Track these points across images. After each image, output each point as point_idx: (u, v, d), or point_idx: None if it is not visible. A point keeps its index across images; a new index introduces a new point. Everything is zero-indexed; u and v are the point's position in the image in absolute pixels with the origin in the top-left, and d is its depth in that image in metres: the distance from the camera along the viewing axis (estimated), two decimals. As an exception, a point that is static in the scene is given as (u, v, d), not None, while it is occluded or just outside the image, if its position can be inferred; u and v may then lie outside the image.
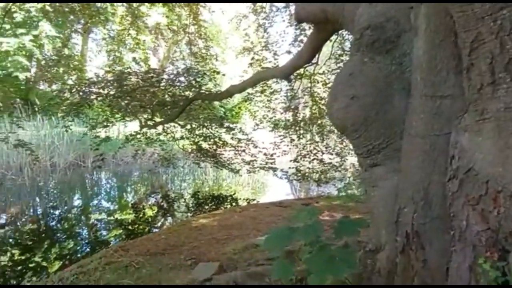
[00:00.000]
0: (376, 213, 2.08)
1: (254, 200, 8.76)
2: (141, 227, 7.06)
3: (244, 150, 7.36)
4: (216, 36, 13.33)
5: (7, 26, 10.48)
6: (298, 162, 7.17)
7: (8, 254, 5.63)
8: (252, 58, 6.98)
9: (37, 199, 9.82)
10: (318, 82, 6.78)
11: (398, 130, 1.91)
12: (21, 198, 9.62)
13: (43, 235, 6.71)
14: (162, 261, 3.26)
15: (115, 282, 2.80)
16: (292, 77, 4.33)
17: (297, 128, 7.18)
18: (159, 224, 7.33)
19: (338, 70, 6.51)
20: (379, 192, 2.06)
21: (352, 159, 7.68)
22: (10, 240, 6.41)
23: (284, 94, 7.05)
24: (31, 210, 8.83)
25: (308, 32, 6.38)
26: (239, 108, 7.85)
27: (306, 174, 7.29)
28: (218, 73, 5.94)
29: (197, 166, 8.84)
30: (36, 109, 11.62)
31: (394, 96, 1.92)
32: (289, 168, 7.68)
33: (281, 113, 7.41)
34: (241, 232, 4.00)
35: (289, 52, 6.56)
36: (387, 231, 2.02)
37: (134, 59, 11.20)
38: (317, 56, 3.76)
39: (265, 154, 7.34)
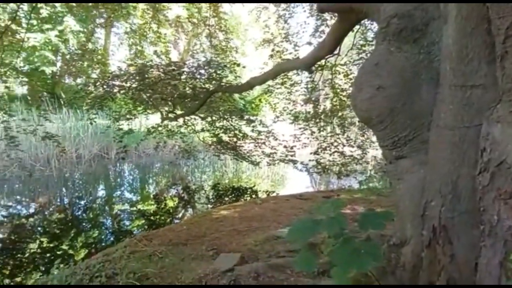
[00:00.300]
0: (402, 206, 2.04)
1: (273, 192, 8.78)
2: (162, 217, 7.21)
3: (264, 143, 7.36)
4: (236, 28, 13.29)
5: (34, 22, 10.80)
6: (318, 154, 7.10)
7: (37, 241, 5.89)
8: (273, 50, 6.93)
9: (64, 189, 10.18)
10: (339, 73, 6.67)
11: (426, 121, 1.86)
12: (49, 189, 9.99)
13: (70, 224, 6.96)
14: (184, 251, 3.32)
15: (139, 270, 2.88)
16: (313, 68, 4.28)
17: (318, 120, 7.10)
18: (180, 215, 7.48)
19: (360, 61, 6.43)
20: (404, 185, 2.02)
21: (373, 152, 7.57)
22: (39, 228, 6.69)
23: (304, 86, 6.98)
24: (58, 200, 9.16)
25: (330, 23, 6.28)
26: (260, 100, 7.83)
27: (327, 166, 7.22)
28: (238, 65, 5.94)
29: (217, 158, 8.92)
30: (62, 102, 11.98)
31: (421, 86, 1.86)
32: (309, 160, 7.64)
33: (302, 105, 7.34)
34: (262, 224, 4.02)
35: (309, 43, 6.47)
36: (412, 225, 1.98)
37: (155, 52, 11.34)
38: (338, 46, 3.68)
39: (285, 146, 7.31)
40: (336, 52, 4.30)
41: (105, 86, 6.28)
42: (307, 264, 1.56)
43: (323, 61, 5.62)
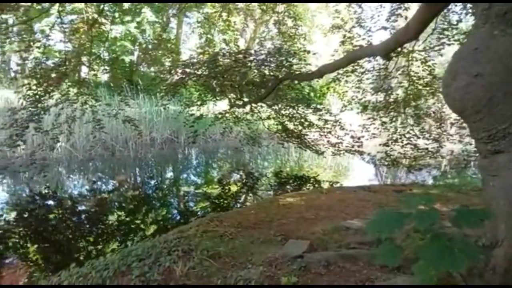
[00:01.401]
0: (495, 205, 1.87)
1: (337, 183, 8.61)
2: (225, 201, 7.49)
3: (330, 132, 7.21)
4: (304, 15, 13.04)
5: (116, 15, 11.68)
6: (388, 146, 6.77)
7: (115, 215, 6.49)
8: (344, 36, 6.67)
9: (138, 169, 11.05)
10: (416, 60, 6.23)
11: (530, 113, 1.67)
12: (126, 168, 10.92)
13: (142, 201, 7.55)
14: (253, 235, 3.42)
15: (212, 249, 3.03)
16: (392, 55, 4.05)
17: (389, 110, 6.74)
18: (242, 199, 7.69)
19: (441, 47, 5.93)
20: (500, 182, 1.84)
21: (450, 146, 7.02)
22: (116, 203, 7.36)
23: (376, 74, 6.64)
24: (133, 179, 9.98)
25: (408, 6, 5.87)
26: (327, 88, 7.64)
27: (397, 159, 6.86)
28: (308, 52, 5.84)
29: (281, 146, 8.96)
30: (139, 89, 12.92)
31: (527, 74, 1.67)
32: (378, 152, 7.32)
33: (372, 94, 7.01)
34: (329, 213, 3.98)
35: (385, 28, 6.10)
36: (506, 226, 1.81)
37: (224, 40, 11.63)
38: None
39: (352, 136, 7.09)
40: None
41: (178, 74, 6.61)
42: (390, 258, 1.51)
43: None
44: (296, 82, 6.34)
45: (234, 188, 8.70)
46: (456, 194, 4.87)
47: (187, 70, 6.31)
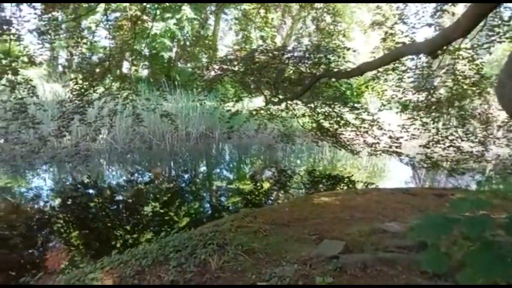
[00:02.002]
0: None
1: (372, 184, 8.39)
2: (257, 197, 7.51)
3: (367, 131, 7.02)
4: (343, 11, 12.75)
5: (157, 12, 12.03)
6: (428, 148, 6.49)
7: (150, 206, 6.71)
8: (386, 33, 6.44)
9: (172, 163, 11.34)
10: (462, 58, 5.90)
11: None
12: (162, 161, 11.25)
13: (175, 194, 7.74)
14: (287, 232, 3.42)
15: (246, 244, 3.06)
16: (438, 52, 3.85)
17: (431, 111, 6.45)
18: (274, 197, 7.68)
19: (491, 44, 5.59)
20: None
21: (497, 150, 6.62)
22: (151, 195, 7.60)
23: (419, 72, 6.37)
24: (168, 172, 10.26)
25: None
26: (366, 87, 7.44)
27: (437, 162, 6.56)
28: (348, 49, 5.71)
29: (315, 145, 8.85)
30: (176, 84, 13.25)
31: None
32: (417, 154, 7.04)
33: (413, 93, 6.73)
34: (365, 215, 3.89)
35: (429, 25, 5.84)
36: None
37: (261, 37, 11.64)
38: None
39: (390, 137, 6.86)
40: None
41: (215, 70, 6.70)
42: (436, 264, 1.45)
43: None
44: (333, 80, 6.22)
45: (266, 185, 8.72)
46: (502, 201, 4.57)
47: (224, 66, 6.38)
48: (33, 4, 5.10)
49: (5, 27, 4.87)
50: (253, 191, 8.02)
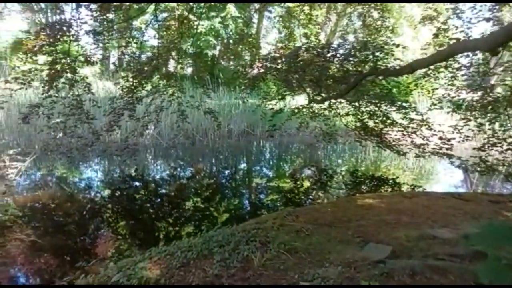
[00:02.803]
0: None
1: (420, 187, 8.01)
2: (297, 196, 7.45)
3: (415, 132, 6.71)
4: (391, 6, 12.24)
5: (203, 11, 12.34)
6: (484, 150, 6.07)
7: (192, 200, 6.89)
8: (438, 28, 6.10)
9: (214, 159, 11.57)
10: (525, 55, 5.46)
11: None
12: (204, 157, 11.53)
13: (216, 190, 7.88)
14: (330, 233, 3.36)
15: (289, 243, 3.05)
16: (499, 49, 3.58)
17: (487, 111, 6.03)
18: (313, 196, 7.57)
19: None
20: None
21: None
22: (193, 190, 7.80)
23: (474, 70, 5.96)
24: (209, 168, 10.48)
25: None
26: (415, 85, 7.10)
27: (493, 166, 6.13)
28: (397, 46, 5.47)
29: (358, 145, 8.61)
30: (220, 82, 13.50)
31: None
32: (470, 156, 6.62)
33: (467, 92, 6.32)
34: (413, 219, 3.72)
35: (488, 19, 5.44)
36: None
37: (305, 34, 11.51)
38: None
39: (440, 138, 6.50)
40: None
41: (258, 68, 6.72)
42: (497, 276, 1.35)
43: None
44: (380, 78, 6.00)
45: (306, 184, 8.63)
46: None
47: (267, 64, 6.37)
48: (90, 6, 5.41)
49: (65, 28, 5.23)
50: (293, 190, 7.97)
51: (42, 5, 16.65)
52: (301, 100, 8.83)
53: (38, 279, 3.75)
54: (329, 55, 5.43)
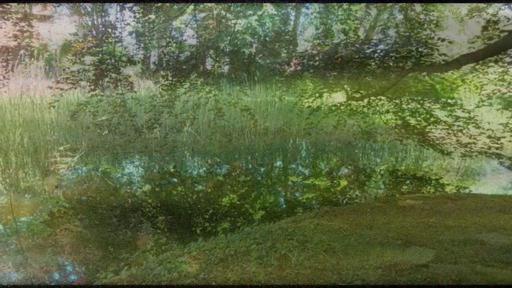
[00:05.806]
0: None
1: (466, 188, 7.59)
2: (334, 195, 7.31)
3: (461, 130, 6.36)
4: (436, -2, 11.62)
5: (239, 9, 12.45)
6: (539, 150, 5.64)
7: (227, 197, 6.97)
8: (488, 21, 5.72)
9: (249, 156, 11.64)
10: None
11: None
12: (240, 154, 11.64)
13: (251, 187, 7.92)
14: (369, 234, 3.27)
15: (326, 242, 3.01)
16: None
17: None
18: (351, 195, 7.39)
19: None
20: None
21: None
22: (229, 186, 7.89)
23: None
24: (245, 165, 10.56)
25: None
26: (462, 80, 6.72)
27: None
28: (443, 40, 5.20)
29: (399, 143, 8.31)
30: (256, 79, 13.55)
31: None
32: (524, 157, 6.19)
33: (520, 88, 5.89)
34: (459, 223, 3.53)
35: (545, 8, 5.02)
36: None
37: (343, 30, 11.26)
38: None
39: (489, 136, 6.12)
40: None
41: (295, 65, 6.67)
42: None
43: None
44: (423, 73, 5.75)
45: (343, 183, 8.45)
46: None
47: (304, 61, 6.31)
48: (133, 8, 5.64)
49: (110, 30, 5.50)
50: (330, 189, 7.84)
51: (89, 8, 17.54)
52: (338, 97, 8.65)
53: (83, 268, 3.97)
54: (368, 51, 5.28)
